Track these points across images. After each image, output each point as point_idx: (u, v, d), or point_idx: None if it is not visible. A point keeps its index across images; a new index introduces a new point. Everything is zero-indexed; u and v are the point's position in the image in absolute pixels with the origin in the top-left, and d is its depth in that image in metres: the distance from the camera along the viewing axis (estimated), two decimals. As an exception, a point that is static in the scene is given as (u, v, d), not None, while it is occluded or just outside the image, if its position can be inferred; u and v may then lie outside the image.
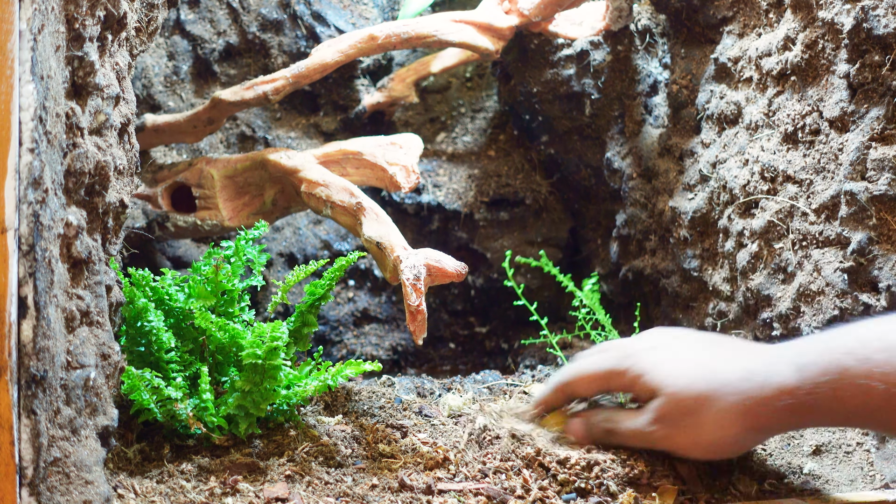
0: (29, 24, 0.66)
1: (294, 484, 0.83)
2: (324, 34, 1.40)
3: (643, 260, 1.33)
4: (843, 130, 0.96)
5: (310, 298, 1.00)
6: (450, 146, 1.50)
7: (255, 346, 0.87)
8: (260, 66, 1.41)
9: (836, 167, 0.96)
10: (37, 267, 0.66)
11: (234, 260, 0.97)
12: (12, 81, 0.65)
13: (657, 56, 1.35)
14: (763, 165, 1.07)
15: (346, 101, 1.44)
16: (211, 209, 1.18)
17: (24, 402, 0.65)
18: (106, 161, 0.80)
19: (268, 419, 0.93)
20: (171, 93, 1.38)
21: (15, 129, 0.65)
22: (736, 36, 1.17)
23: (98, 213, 0.82)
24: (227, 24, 1.40)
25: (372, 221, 1.04)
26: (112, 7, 0.81)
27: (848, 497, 0.83)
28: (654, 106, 1.33)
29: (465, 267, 0.96)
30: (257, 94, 1.17)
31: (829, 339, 0.77)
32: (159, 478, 0.83)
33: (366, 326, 1.45)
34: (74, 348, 0.73)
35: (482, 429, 0.94)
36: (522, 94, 1.40)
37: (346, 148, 1.16)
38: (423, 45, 1.22)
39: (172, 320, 0.94)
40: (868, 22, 0.91)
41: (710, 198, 1.18)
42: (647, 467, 0.86)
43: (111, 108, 0.82)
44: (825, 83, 0.99)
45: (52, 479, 0.68)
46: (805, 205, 1.01)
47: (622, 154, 1.35)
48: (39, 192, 0.67)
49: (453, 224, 1.46)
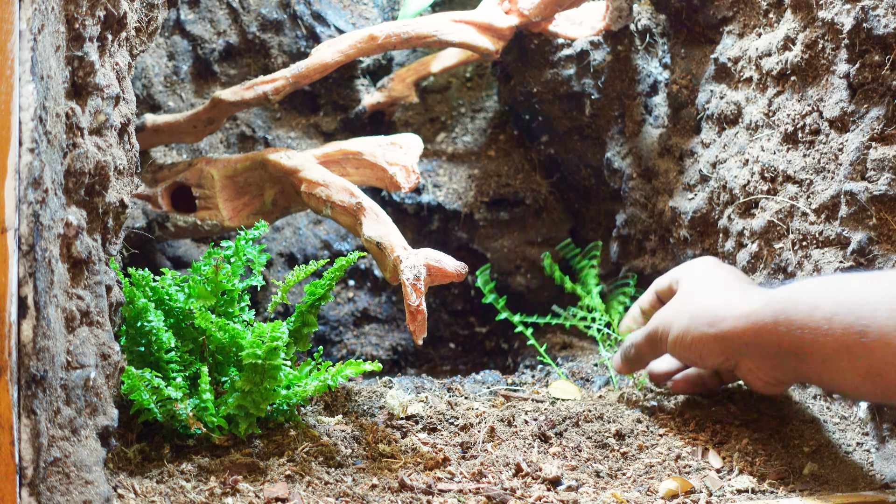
0: (29, 24, 0.66)
1: (294, 484, 0.83)
2: (324, 34, 1.40)
3: (643, 260, 1.33)
4: (843, 130, 0.96)
5: (310, 298, 1.00)
6: (450, 146, 1.50)
7: (255, 346, 0.87)
8: (260, 66, 1.41)
9: (836, 167, 0.96)
10: (37, 267, 0.66)
11: (234, 260, 0.97)
12: (12, 81, 0.65)
13: (657, 56, 1.35)
14: (763, 165, 1.07)
15: (346, 101, 1.44)
16: (211, 209, 1.18)
17: (24, 402, 0.65)
18: (106, 161, 0.80)
19: (268, 419, 0.93)
20: (171, 93, 1.38)
21: (15, 129, 0.65)
22: (736, 36, 1.17)
23: (98, 213, 0.82)
24: (227, 24, 1.40)
25: (372, 221, 1.04)
26: (112, 7, 0.81)
27: (848, 497, 0.83)
28: (654, 106, 1.33)
29: (465, 267, 0.96)
30: (257, 94, 1.17)
31: (777, 294, 0.89)
32: (159, 478, 0.83)
33: (366, 326, 1.45)
34: (74, 348, 0.73)
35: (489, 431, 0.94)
36: (522, 94, 1.40)
37: (346, 148, 1.16)
38: (423, 45, 1.22)
39: (172, 320, 0.94)
40: (868, 22, 0.91)
41: (710, 198, 1.18)
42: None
43: (111, 108, 0.82)
44: (825, 83, 0.99)
45: (52, 479, 0.68)
46: (805, 205, 1.01)
47: (622, 154, 1.35)
48: (39, 192, 0.67)
49: (453, 224, 1.46)
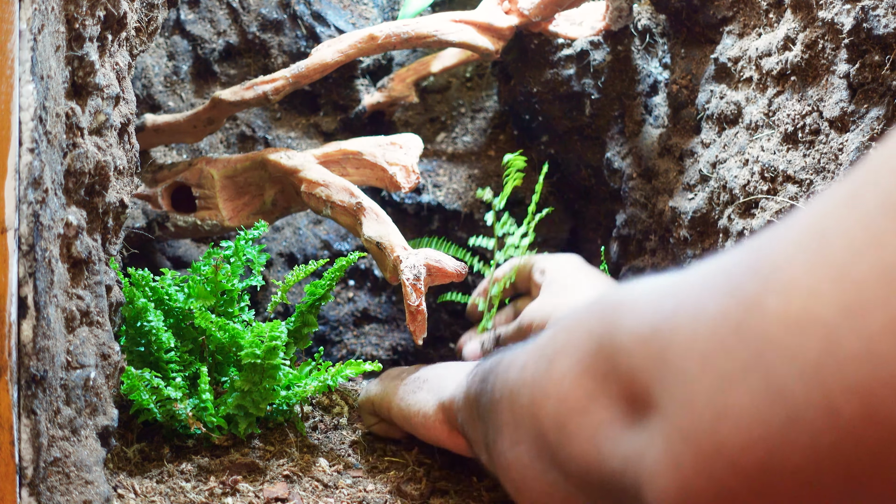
0: (29, 24, 0.66)
1: (294, 484, 0.83)
2: (324, 34, 1.40)
3: (643, 260, 1.33)
4: (843, 130, 0.96)
5: (310, 298, 1.00)
6: (450, 146, 1.50)
7: (254, 345, 0.87)
8: (260, 66, 1.41)
9: (837, 167, 0.96)
10: (37, 267, 0.66)
11: (233, 260, 0.97)
12: (12, 81, 0.65)
13: (657, 56, 1.35)
14: (763, 165, 1.07)
15: (346, 101, 1.44)
16: (211, 209, 1.18)
17: (24, 402, 0.65)
18: (106, 161, 0.80)
19: (267, 419, 0.93)
20: (171, 93, 1.38)
21: (15, 129, 0.65)
22: (736, 36, 1.17)
23: (98, 213, 0.82)
24: (227, 24, 1.40)
25: (372, 221, 1.04)
26: (112, 7, 0.81)
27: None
28: (654, 106, 1.33)
29: (465, 267, 0.96)
30: (257, 94, 1.17)
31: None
32: (159, 478, 0.83)
33: (366, 326, 1.44)
34: (74, 348, 0.73)
35: None
36: (522, 94, 1.40)
37: (346, 148, 1.16)
38: (423, 45, 1.22)
39: (172, 320, 0.94)
40: (868, 22, 0.91)
41: (710, 198, 1.18)
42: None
43: (111, 108, 0.82)
44: (825, 83, 0.99)
45: (52, 479, 0.67)
46: (805, 205, 1.01)
47: (622, 154, 1.35)
48: (39, 192, 0.66)
49: (453, 224, 1.46)
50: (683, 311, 0.42)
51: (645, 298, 0.46)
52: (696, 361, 0.40)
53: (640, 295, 0.47)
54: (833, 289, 0.35)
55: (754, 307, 0.38)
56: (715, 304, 0.40)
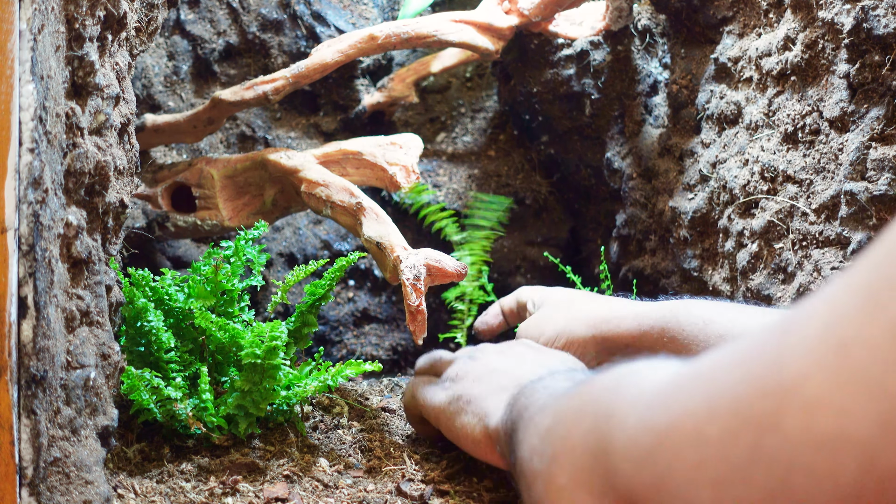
0: (29, 24, 0.66)
1: (294, 484, 0.83)
2: (324, 34, 1.40)
3: (643, 260, 1.33)
4: (843, 130, 0.96)
5: (310, 298, 1.00)
6: (450, 146, 1.50)
7: (255, 345, 0.87)
8: (260, 66, 1.41)
9: (836, 167, 0.96)
10: (37, 267, 0.66)
11: (233, 260, 0.97)
12: (12, 81, 0.65)
13: (657, 56, 1.35)
14: (763, 165, 1.07)
15: (346, 101, 1.44)
16: (211, 209, 1.18)
17: (24, 402, 0.65)
18: (106, 161, 0.80)
19: (267, 419, 0.93)
20: (171, 93, 1.38)
21: (15, 129, 0.65)
22: (736, 36, 1.17)
23: (98, 213, 0.82)
24: (227, 24, 1.40)
25: (372, 221, 1.04)
26: (112, 7, 0.81)
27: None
28: (654, 106, 1.33)
29: (465, 267, 0.96)
30: (257, 94, 1.17)
31: (662, 304, 0.92)
32: (159, 478, 0.83)
33: (366, 326, 1.44)
34: (74, 348, 0.73)
35: None
36: (522, 94, 1.40)
37: (346, 148, 1.16)
38: (423, 45, 1.22)
39: (172, 320, 0.94)
40: (868, 22, 0.91)
41: (710, 198, 1.18)
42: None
43: (111, 108, 0.82)
44: (825, 83, 0.99)
45: (52, 479, 0.67)
46: (805, 205, 1.01)
47: (622, 154, 1.35)
48: (39, 192, 0.66)
49: (453, 224, 1.46)
50: (682, 432, 0.39)
51: (637, 410, 0.44)
52: (707, 491, 0.37)
53: (631, 403, 0.45)
54: (866, 405, 0.33)
55: (769, 429, 0.35)
56: (718, 426, 0.37)
